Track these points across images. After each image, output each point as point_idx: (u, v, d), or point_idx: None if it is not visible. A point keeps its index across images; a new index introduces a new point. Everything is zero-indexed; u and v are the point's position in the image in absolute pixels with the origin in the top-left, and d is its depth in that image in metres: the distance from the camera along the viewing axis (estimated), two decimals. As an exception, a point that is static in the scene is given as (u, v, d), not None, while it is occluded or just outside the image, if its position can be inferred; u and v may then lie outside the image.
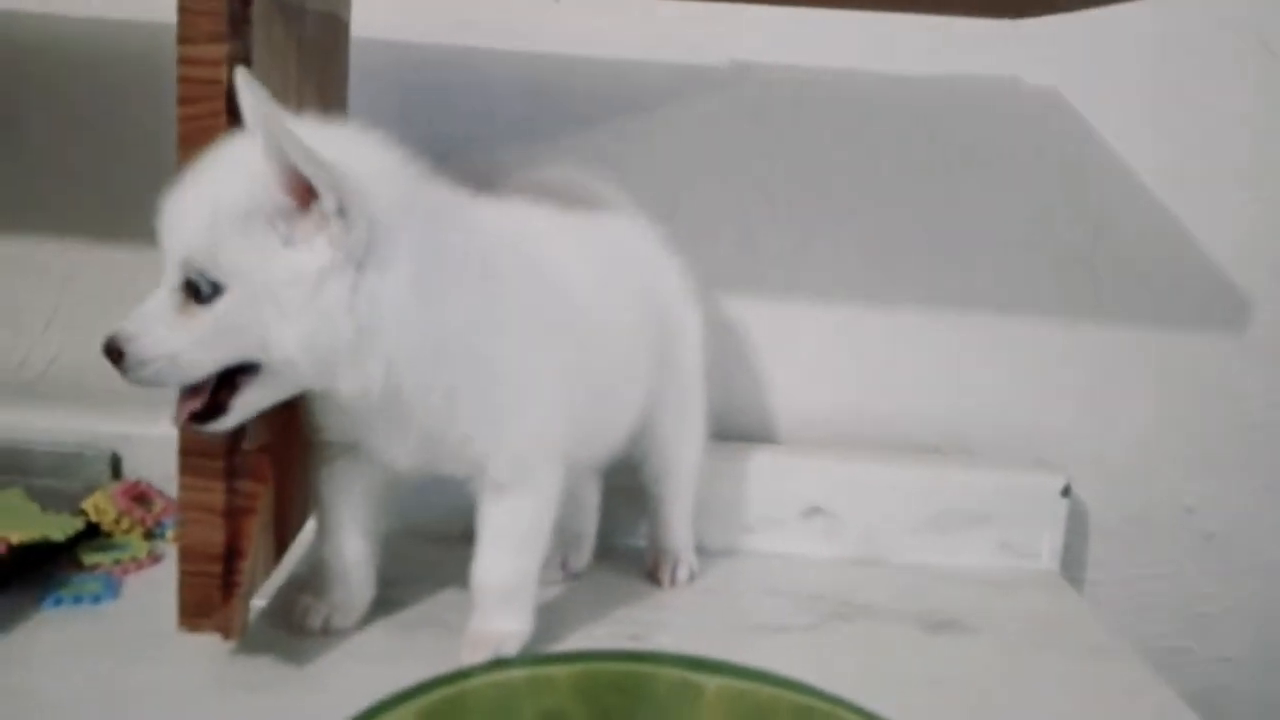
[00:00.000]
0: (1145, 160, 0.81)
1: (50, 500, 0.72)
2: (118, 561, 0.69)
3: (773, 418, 0.85)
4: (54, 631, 0.60)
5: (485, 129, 0.79)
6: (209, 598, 0.55)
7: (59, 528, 0.68)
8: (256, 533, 0.55)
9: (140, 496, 0.75)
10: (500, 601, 0.61)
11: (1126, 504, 0.86)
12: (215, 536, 0.55)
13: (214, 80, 0.49)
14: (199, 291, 0.50)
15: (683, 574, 0.73)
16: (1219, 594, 0.87)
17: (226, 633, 0.56)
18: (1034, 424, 0.85)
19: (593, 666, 0.59)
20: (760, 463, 0.80)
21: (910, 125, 0.81)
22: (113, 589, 0.65)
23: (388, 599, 0.65)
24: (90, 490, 0.74)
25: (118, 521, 0.72)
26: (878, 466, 0.80)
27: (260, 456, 0.55)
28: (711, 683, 0.58)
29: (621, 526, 0.78)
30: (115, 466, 0.77)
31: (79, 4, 0.78)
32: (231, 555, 0.55)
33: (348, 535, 0.62)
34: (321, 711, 0.53)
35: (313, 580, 0.63)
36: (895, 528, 0.79)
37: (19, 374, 0.84)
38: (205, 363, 0.51)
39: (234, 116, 0.50)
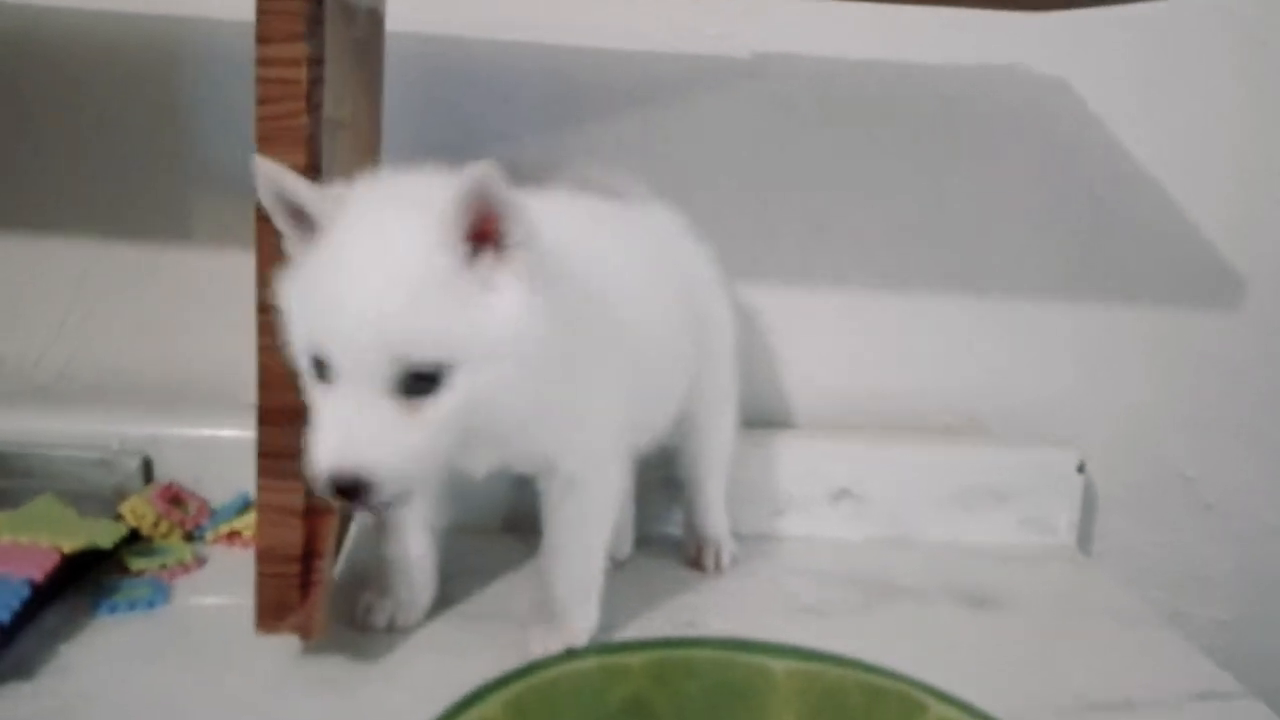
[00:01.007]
0: (1145, 145, 0.84)
1: (84, 506, 0.71)
2: (164, 566, 0.68)
3: (792, 401, 0.87)
4: (112, 638, 0.60)
5: (510, 120, 0.79)
6: (287, 598, 0.55)
7: (106, 534, 0.67)
8: (334, 531, 0.55)
9: (176, 499, 0.74)
10: (569, 594, 0.62)
11: (1130, 476, 0.89)
12: (294, 537, 0.55)
13: (294, 80, 0.49)
14: (418, 384, 0.46)
15: (725, 559, 0.75)
16: (1216, 559, 0.91)
17: (306, 632, 0.56)
18: (1041, 400, 0.88)
19: (663, 653, 0.60)
20: (787, 447, 0.82)
21: (922, 113, 0.83)
22: (163, 593, 0.65)
23: (445, 593, 0.66)
24: (122, 494, 0.73)
25: (156, 525, 0.71)
26: (901, 447, 0.83)
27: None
28: (781, 666, 0.60)
29: (654, 514, 0.79)
30: (147, 470, 0.76)
31: (91, -4, 0.76)
32: (309, 555, 0.55)
33: (412, 533, 0.62)
34: (402, 707, 0.55)
35: (375, 578, 0.63)
36: (921, 507, 0.82)
37: (34, 376, 0.82)
38: (441, 458, 0.47)
39: (311, 115, 0.50)
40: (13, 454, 0.75)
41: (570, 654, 0.60)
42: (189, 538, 0.72)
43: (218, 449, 0.76)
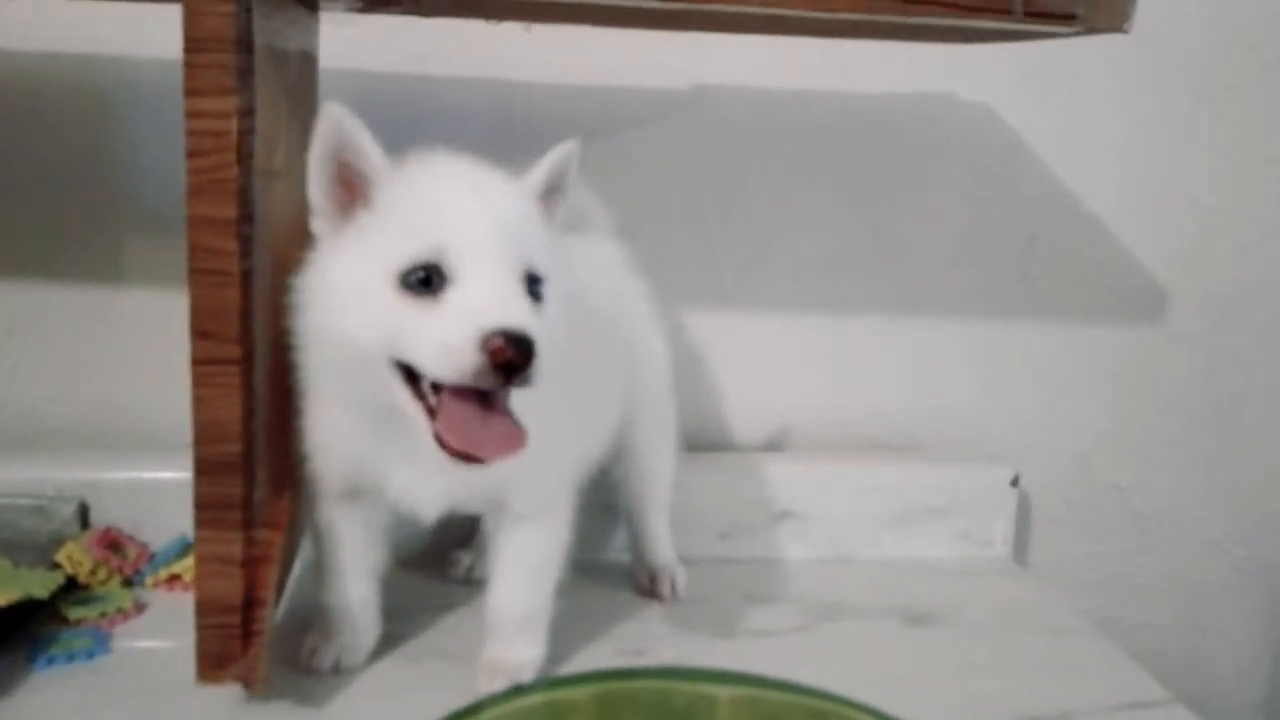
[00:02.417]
0: (1073, 170, 0.87)
1: (18, 554, 0.70)
2: (103, 614, 0.67)
3: (733, 425, 0.88)
4: (52, 693, 0.59)
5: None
6: (228, 648, 0.55)
7: (41, 584, 0.65)
8: (275, 579, 0.55)
9: (114, 544, 0.73)
10: (517, 629, 0.62)
11: (1065, 489, 0.92)
12: (234, 587, 0.54)
13: (224, 132, 0.49)
14: (532, 288, 0.50)
15: (680, 586, 0.75)
16: (1147, 566, 0.94)
17: (249, 682, 0.55)
18: (978, 418, 0.90)
19: (610, 686, 0.61)
20: (730, 469, 0.83)
21: (858, 141, 0.85)
22: (103, 643, 0.64)
23: (389, 633, 0.65)
24: (59, 541, 0.72)
25: (94, 572, 0.70)
26: (841, 468, 0.84)
27: (275, 504, 0.55)
28: (724, 692, 0.61)
29: (598, 541, 0.80)
30: (84, 514, 0.75)
31: (15, 37, 0.75)
32: (249, 604, 0.55)
33: (355, 577, 0.62)
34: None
35: (318, 622, 0.63)
36: (861, 526, 0.84)
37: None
38: (549, 365, 0.47)
39: (242, 166, 0.50)
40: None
41: (517, 690, 0.60)
42: (128, 583, 0.71)
43: (155, 492, 0.75)
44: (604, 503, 0.77)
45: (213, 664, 0.55)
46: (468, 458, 0.47)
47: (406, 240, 0.49)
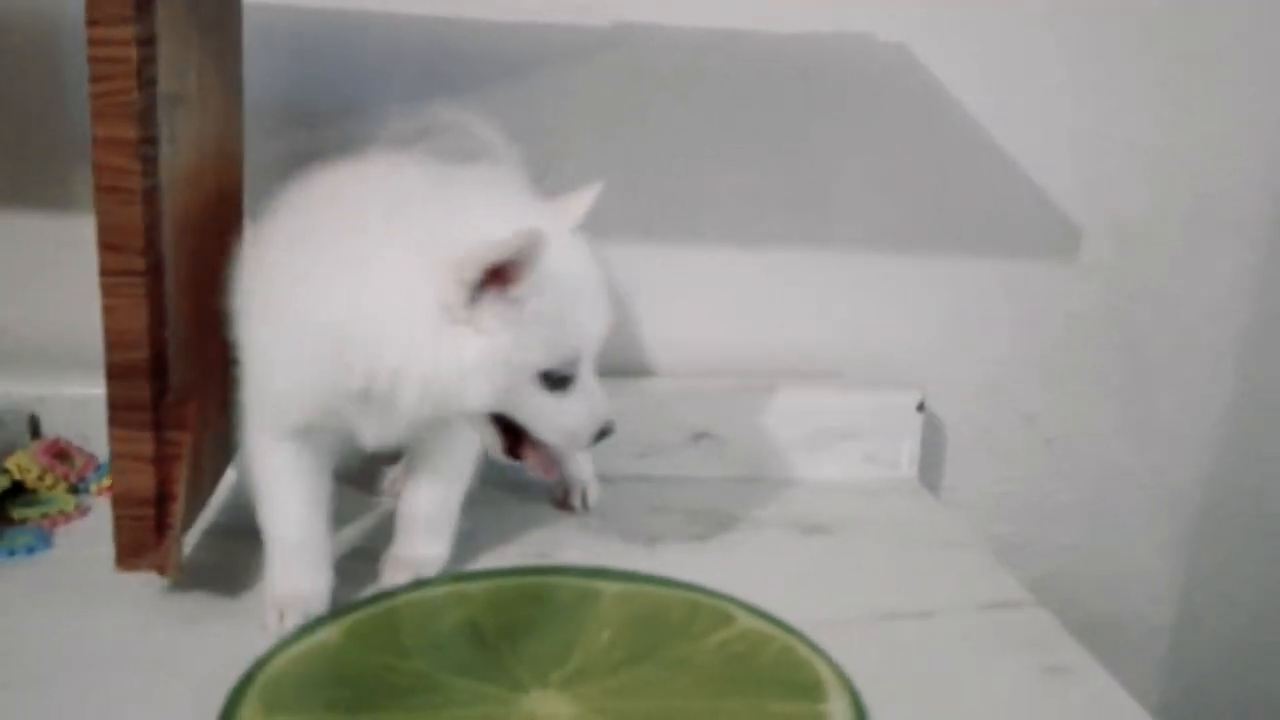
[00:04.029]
0: (985, 107, 0.89)
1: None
2: (46, 515, 0.72)
3: (656, 353, 0.92)
4: (-5, 583, 0.64)
5: (378, 91, 0.83)
6: (143, 539, 0.60)
7: (-15, 486, 0.71)
8: (184, 477, 0.60)
9: (61, 454, 0.78)
10: (425, 528, 0.67)
11: (977, 417, 0.96)
12: (146, 482, 0.59)
13: (123, 59, 0.52)
14: None
15: (591, 499, 0.80)
16: (1058, 491, 0.98)
17: (163, 570, 0.60)
18: (896, 350, 0.94)
19: (504, 581, 0.66)
20: (650, 393, 0.87)
21: (777, 80, 0.87)
22: (44, 540, 0.69)
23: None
24: (11, 450, 0.77)
25: (41, 478, 0.75)
26: (756, 394, 0.88)
27: (184, 407, 0.60)
28: (610, 588, 0.66)
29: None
30: (34, 426, 0.80)
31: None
32: (162, 499, 0.60)
33: (311, 513, 0.62)
34: (256, 636, 0.59)
35: (273, 575, 0.62)
36: (774, 448, 0.88)
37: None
38: None
39: (143, 91, 0.54)
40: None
41: (418, 584, 0.65)
42: (74, 490, 0.77)
43: (103, 406, 0.79)
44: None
45: (129, 553, 0.60)
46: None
47: (558, 348, 0.56)
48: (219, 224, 0.67)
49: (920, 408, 0.89)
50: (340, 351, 0.54)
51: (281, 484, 0.61)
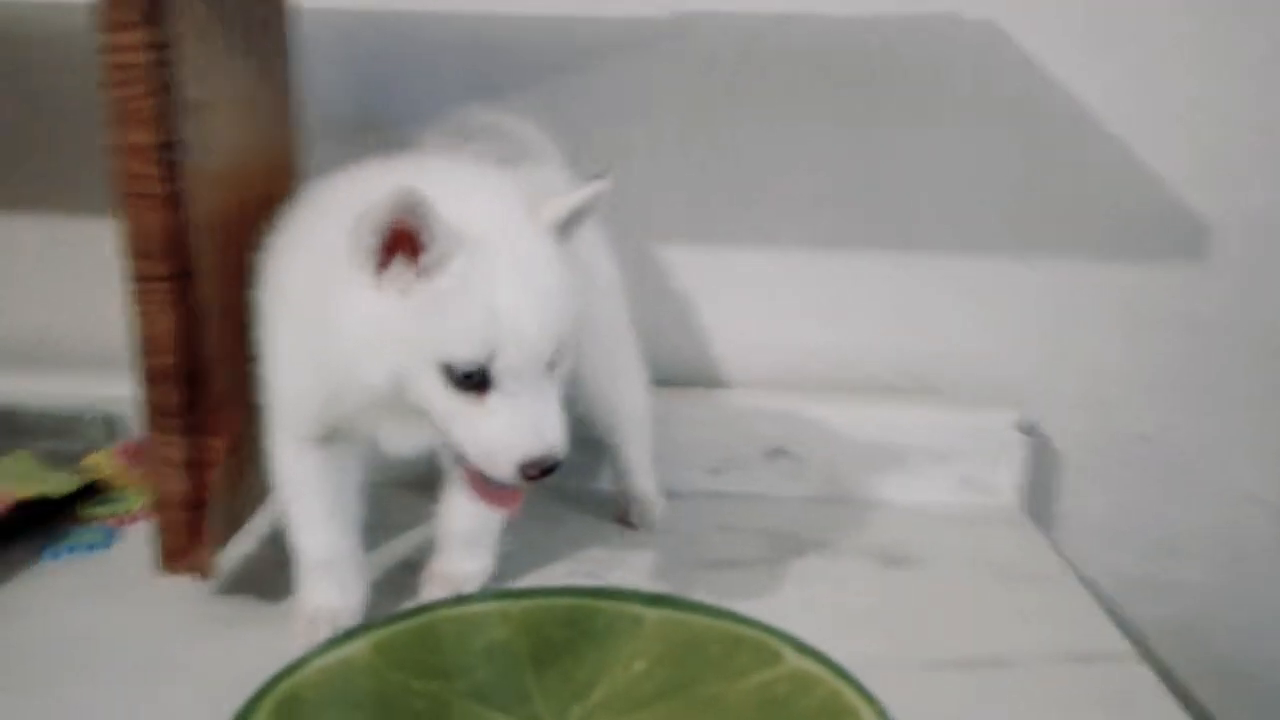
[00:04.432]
0: (1090, 89, 0.80)
1: (54, 461, 0.78)
2: (113, 514, 0.74)
3: (732, 364, 0.87)
4: (53, 580, 0.66)
5: (435, 92, 0.82)
6: (181, 542, 0.60)
7: (58, 485, 0.73)
8: (218, 482, 0.59)
9: (138, 454, 0.80)
10: (465, 544, 0.65)
11: (1088, 438, 0.87)
12: (181, 486, 0.59)
13: (135, 64, 0.52)
14: (551, 364, 0.51)
15: (652, 517, 0.76)
16: (1183, 520, 0.88)
17: (201, 573, 0.60)
18: (994, 361, 0.86)
19: (543, 602, 0.63)
20: (724, 406, 0.83)
21: (850, 67, 0.81)
22: (108, 539, 0.71)
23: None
24: (90, 451, 0.80)
25: (115, 478, 0.77)
26: (839, 407, 0.82)
27: (220, 413, 0.59)
28: (652, 615, 0.61)
29: (584, 470, 0.81)
30: (111, 428, 0.82)
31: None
32: (199, 504, 0.59)
33: (338, 528, 0.61)
34: (291, 645, 0.58)
35: (301, 589, 0.61)
36: (857, 467, 0.82)
37: (19, 343, 0.89)
38: None
39: (155, 98, 0.53)
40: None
41: (457, 600, 0.63)
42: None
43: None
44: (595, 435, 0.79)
45: (169, 556, 0.60)
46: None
47: (459, 338, 0.49)
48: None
49: (1023, 429, 0.81)
50: (324, 347, 0.52)
51: (308, 495, 0.60)
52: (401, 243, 0.48)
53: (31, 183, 0.87)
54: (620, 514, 0.77)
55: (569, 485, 0.81)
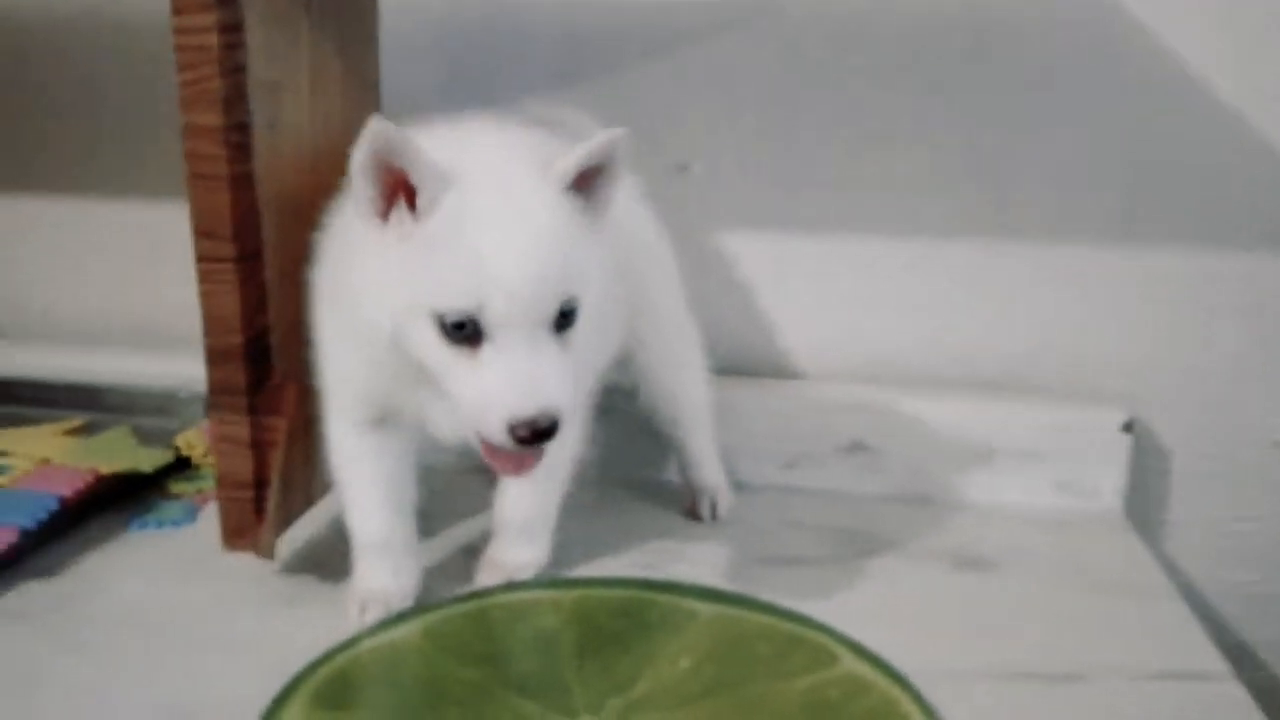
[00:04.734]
0: (1210, 63, 0.74)
1: (151, 437, 0.81)
2: (200, 490, 0.76)
3: (810, 354, 0.84)
4: (135, 551, 0.68)
5: (522, 77, 0.82)
6: (244, 521, 0.61)
7: (149, 460, 0.76)
8: (279, 462, 0.60)
9: (224, 433, 0.83)
10: (520, 532, 0.64)
11: (1206, 441, 0.80)
12: (245, 465, 0.60)
13: (205, 46, 0.53)
14: (562, 321, 0.49)
15: (722, 508, 0.74)
16: (1316, 538, 0.80)
17: (260, 552, 0.61)
18: (1104, 358, 0.80)
19: (595, 592, 0.62)
20: (800, 397, 0.80)
21: (950, 45, 0.77)
22: (191, 515, 0.73)
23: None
24: (185, 428, 0.83)
25: (206, 455, 0.80)
26: (925, 401, 0.78)
27: (280, 393, 0.60)
28: (706, 610, 0.60)
29: (651, 461, 0.80)
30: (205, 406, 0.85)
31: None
32: (260, 484, 0.61)
33: (391, 511, 0.61)
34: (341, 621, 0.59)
35: (356, 572, 0.62)
36: (942, 465, 0.78)
37: (136, 325, 0.93)
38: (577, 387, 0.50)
39: (225, 80, 0.54)
40: (104, 389, 0.87)
41: (510, 586, 0.63)
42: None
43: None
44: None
45: (232, 533, 0.62)
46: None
47: (445, 287, 0.48)
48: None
49: (1128, 428, 0.76)
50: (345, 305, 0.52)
51: (361, 478, 0.60)
52: (399, 189, 0.48)
53: (144, 169, 0.91)
54: (689, 506, 0.75)
55: (635, 476, 0.80)
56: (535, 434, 0.47)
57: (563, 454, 0.64)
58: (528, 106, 0.71)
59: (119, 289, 0.94)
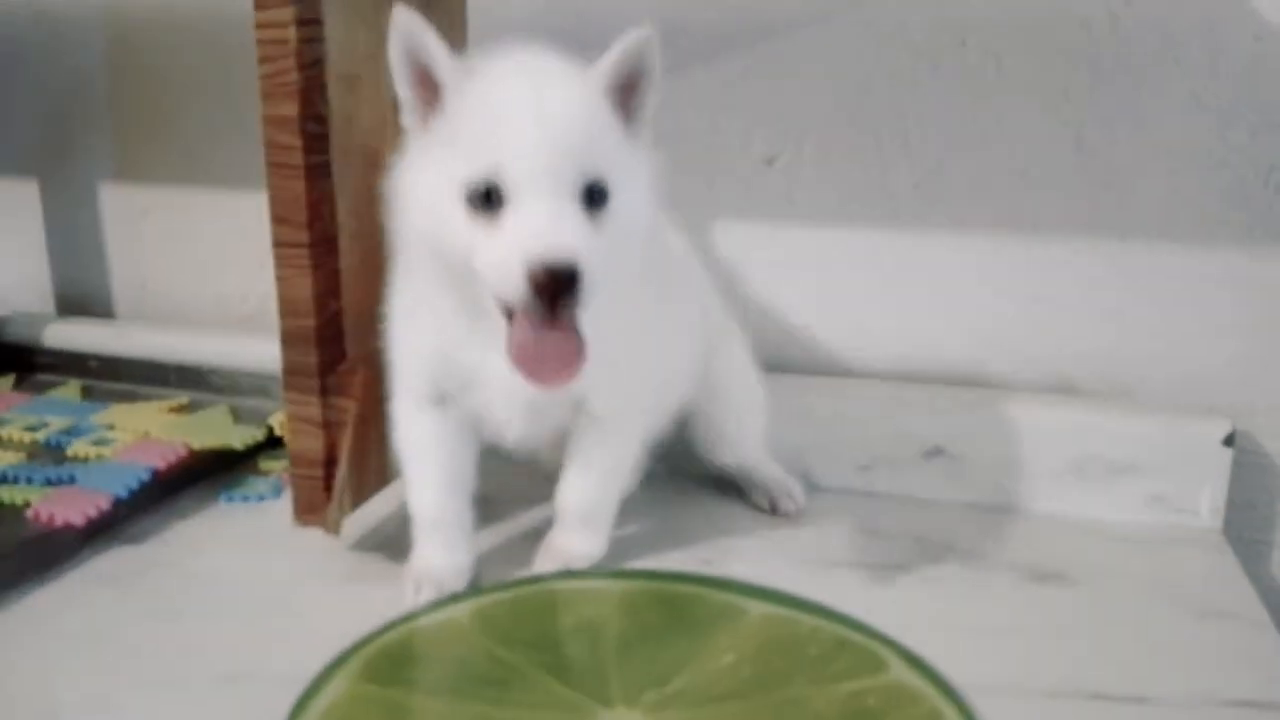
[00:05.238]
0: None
1: (249, 416, 0.85)
2: (287, 468, 0.79)
3: (892, 354, 0.82)
4: (222, 522, 0.72)
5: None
6: (315, 498, 0.64)
7: (240, 438, 0.79)
8: (347, 442, 0.62)
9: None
10: (578, 522, 0.65)
11: (1324, 459, 0.74)
12: (316, 444, 0.63)
13: (283, 40, 0.56)
14: (592, 199, 0.50)
15: (792, 505, 0.73)
16: None
17: (327, 528, 0.64)
18: (1211, 367, 0.75)
19: (646, 584, 0.62)
20: (880, 399, 0.78)
21: (1054, 36, 0.74)
22: (277, 490, 0.76)
23: (492, 512, 0.70)
24: (279, 408, 0.87)
25: (296, 435, 0.83)
26: (1011, 406, 0.75)
27: (350, 375, 0.63)
28: (757, 608, 0.59)
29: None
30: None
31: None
32: (330, 462, 0.63)
33: (447, 490, 0.62)
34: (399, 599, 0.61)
35: (414, 550, 0.63)
36: (1026, 473, 0.74)
37: (240, 309, 0.98)
38: (608, 278, 0.50)
39: (302, 73, 0.56)
40: (209, 370, 0.92)
41: (565, 574, 0.63)
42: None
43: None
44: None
45: (304, 509, 0.65)
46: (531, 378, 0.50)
47: (468, 158, 0.50)
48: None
49: (1229, 441, 0.71)
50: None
51: (421, 457, 0.61)
52: (430, 91, 0.52)
53: (252, 157, 0.95)
54: (763, 506, 0.74)
55: (698, 468, 0.78)
56: (555, 281, 0.47)
57: (623, 447, 0.64)
58: None
59: (225, 273, 0.99)
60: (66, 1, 0.99)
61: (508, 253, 0.48)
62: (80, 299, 1.06)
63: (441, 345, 0.57)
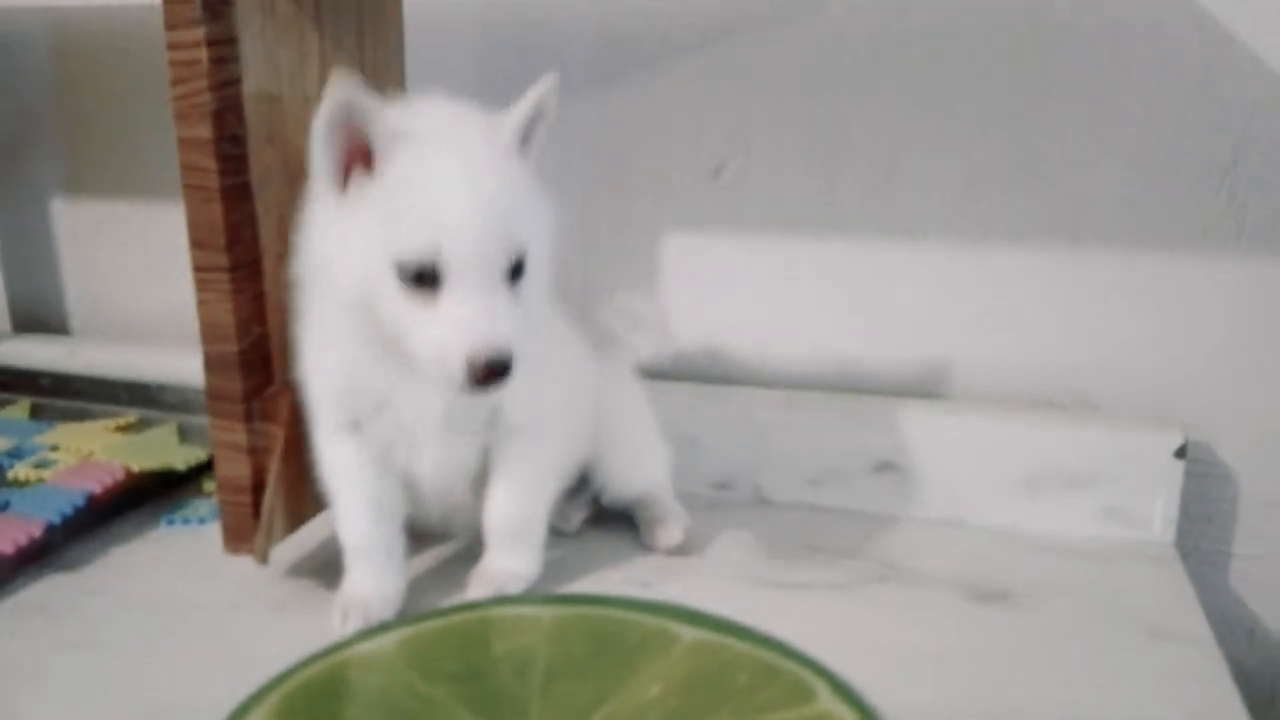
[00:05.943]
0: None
1: (199, 435, 0.84)
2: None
3: (841, 366, 0.81)
4: (159, 546, 0.71)
5: (561, 78, 0.81)
6: (243, 525, 0.63)
7: (183, 459, 0.78)
8: (274, 469, 0.61)
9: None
10: (509, 541, 0.63)
11: (1277, 467, 0.73)
12: (242, 470, 0.61)
13: (195, 61, 0.54)
14: (513, 272, 0.52)
15: (670, 539, 0.70)
16: None
17: (254, 557, 0.63)
18: (1167, 377, 0.74)
19: (579, 609, 0.61)
20: (828, 411, 0.76)
21: (1009, 37, 0.72)
22: (216, 513, 0.75)
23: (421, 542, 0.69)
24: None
25: (242, 455, 0.82)
26: (961, 419, 0.74)
27: (276, 400, 0.61)
28: (687, 634, 0.58)
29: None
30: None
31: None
32: (257, 489, 0.62)
33: (372, 518, 0.61)
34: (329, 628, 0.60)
35: (345, 578, 0.62)
36: (977, 487, 0.73)
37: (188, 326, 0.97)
38: (528, 340, 0.52)
39: (215, 93, 0.55)
40: (158, 387, 0.91)
41: (496, 601, 0.62)
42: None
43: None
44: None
45: (233, 537, 0.63)
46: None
47: (405, 234, 0.51)
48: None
49: (1181, 453, 0.70)
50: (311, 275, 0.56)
51: (345, 484, 0.61)
52: (357, 155, 0.52)
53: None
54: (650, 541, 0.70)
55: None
56: (491, 372, 0.50)
57: (546, 461, 0.63)
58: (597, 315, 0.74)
59: (178, 289, 0.98)
60: (12, 15, 0.97)
61: (445, 341, 0.51)
62: (35, 314, 1.05)
63: (354, 371, 0.57)
